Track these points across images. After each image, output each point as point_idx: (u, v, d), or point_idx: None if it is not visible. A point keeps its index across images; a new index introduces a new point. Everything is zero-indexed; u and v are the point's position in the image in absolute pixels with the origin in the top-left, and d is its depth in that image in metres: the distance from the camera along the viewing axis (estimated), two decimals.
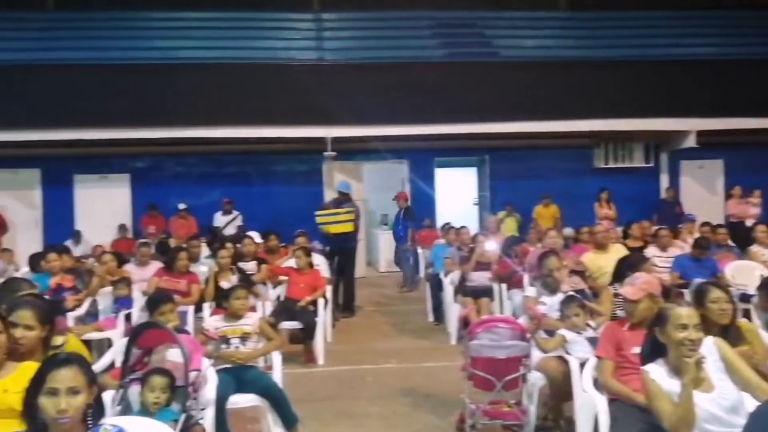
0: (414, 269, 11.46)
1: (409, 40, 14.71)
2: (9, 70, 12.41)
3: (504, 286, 7.69)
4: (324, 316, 7.50)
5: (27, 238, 12.40)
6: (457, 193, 15.67)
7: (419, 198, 13.74)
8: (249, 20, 15.11)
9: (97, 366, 4.61)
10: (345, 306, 9.40)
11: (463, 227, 9.21)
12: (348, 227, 9.42)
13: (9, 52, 13.28)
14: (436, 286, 8.88)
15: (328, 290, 8.03)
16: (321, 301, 7.40)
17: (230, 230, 11.95)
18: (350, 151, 13.04)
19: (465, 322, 6.97)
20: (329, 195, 12.02)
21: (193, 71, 12.50)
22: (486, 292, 7.71)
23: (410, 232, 11.37)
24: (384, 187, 14.91)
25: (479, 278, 7.83)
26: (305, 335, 7.11)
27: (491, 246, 8.07)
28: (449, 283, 8.24)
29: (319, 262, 8.48)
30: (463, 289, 7.87)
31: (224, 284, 6.84)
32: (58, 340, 3.62)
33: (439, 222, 12.88)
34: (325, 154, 12.43)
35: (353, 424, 5.22)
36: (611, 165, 13.93)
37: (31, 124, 11.58)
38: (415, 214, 11.68)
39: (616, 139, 13.76)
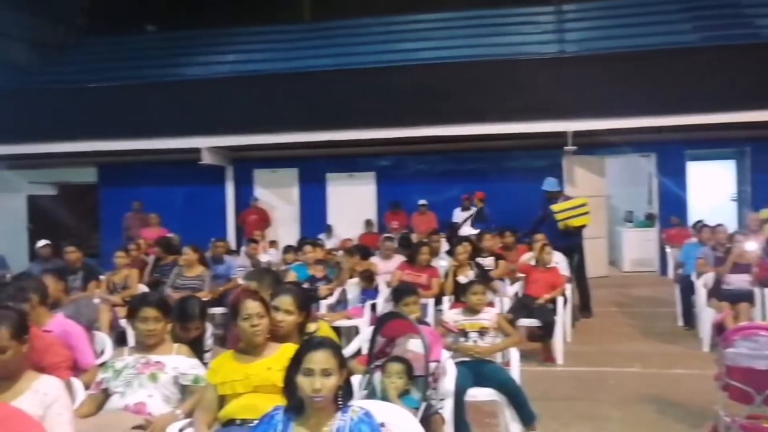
0: None
1: (656, 26, 13.83)
2: (271, 78, 13.69)
3: (767, 290, 6.97)
4: (563, 315, 7.34)
5: (287, 232, 13.58)
6: (711, 188, 14.47)
7: (668, 193, 12.88)
8: (489, 17, 15.22)
9: (346, 351, 4.93)
10: (582, 306, 9.09)
11: (719, 225, 8.47)
12: (589, 219, 9.10)
13: (269, 62, 14.69)
14: (687, 288, 8.26)
15: (568, 289, 7.84)
16: (560, 300, 7.25)
17: (468, 226, 12.10)
18: (592, 145, 12.56)
19: (719, 328, 6.42)
20: (570, 191, 11.70)
21: (435, 71, 12.83)
22: (745, 296, 7.02)
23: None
24: (628, 182, 14.25)
25: (737, 281, 7.17)
26: (544, 333, 7.02)
27: (752, 246, 7.35)
28: (702, 285, 7.62)
29: (559, 259, 8.30)
30: (718, 293, 7.24)
31: (462, 279, 6.97)
32: (311, 326, 3.92)
33: (690, 219, 12.00)
34: (566, 148, 12.11)
35: (594, 427, 5.05)
36: None
37: (290, 127, 12.65)
38: (487, 217, 11.42)
39: None
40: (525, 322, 7.01)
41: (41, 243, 9.27)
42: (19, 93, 15.31)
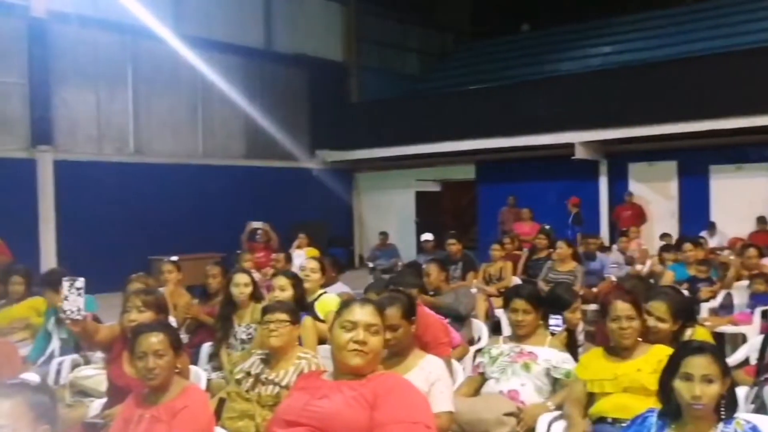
0: None
1: None
2: (648, 67, 13.13)
3: None
4: None
5: (663, 228, 12.87)
6: None
7: None
8: None
9: (731, 360, 4.53)
10: None
11: None
12: None
13: (647, 51, 14.10)
14: None
15: None
16: None
17: None
18: None
19: None
20: None
21: None
22: None
23: (579, 236, 10.66)
24: None
25: None
26: None
27: None
28: None
29: None
30: None
31: None
32: (686, 332, 3.70)
33: None
34: None
35: None
36: None
37: (669, 117, 11.96)
38: (582, 220, 11.94)
39: None
40: None
41: (425, 237, 10.23)
42: (408, 99, 17.07)
